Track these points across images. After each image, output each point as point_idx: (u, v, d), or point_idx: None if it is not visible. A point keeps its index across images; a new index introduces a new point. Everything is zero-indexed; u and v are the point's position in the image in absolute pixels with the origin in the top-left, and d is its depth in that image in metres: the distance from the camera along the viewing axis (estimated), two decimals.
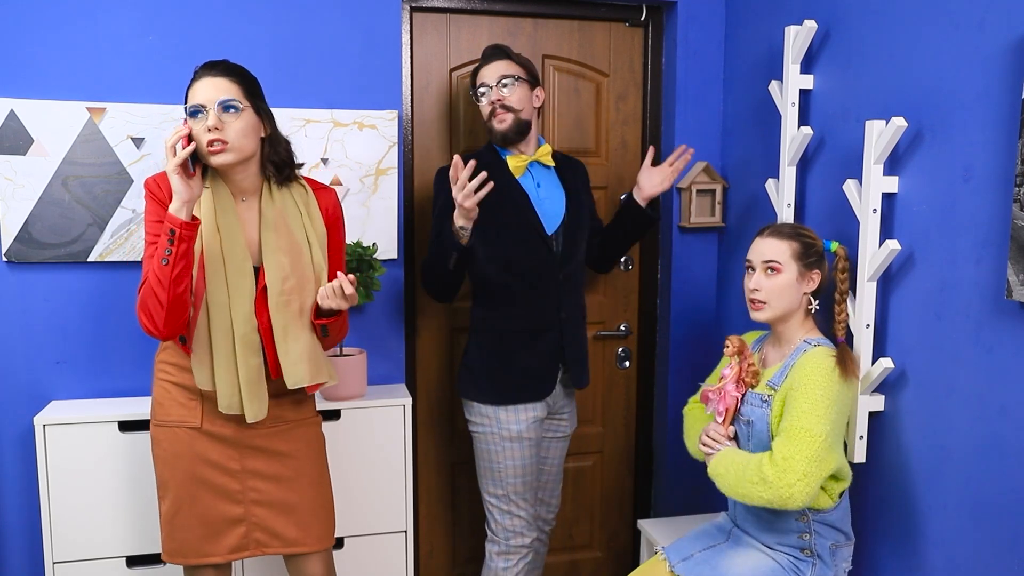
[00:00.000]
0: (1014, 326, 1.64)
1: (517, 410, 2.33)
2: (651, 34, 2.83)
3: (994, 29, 1.67)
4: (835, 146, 2.18)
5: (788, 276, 1.88)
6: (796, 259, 1.89)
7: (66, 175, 2.33)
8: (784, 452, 1.73)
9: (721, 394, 1.93)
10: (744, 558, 1.89)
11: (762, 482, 1.73)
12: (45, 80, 2.32)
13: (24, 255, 2.34)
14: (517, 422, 2.33)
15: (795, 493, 1.70)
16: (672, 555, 1.98)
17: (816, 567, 1.86)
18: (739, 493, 1.79)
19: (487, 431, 2.35)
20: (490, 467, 2.36)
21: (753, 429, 1.89)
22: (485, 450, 2.36)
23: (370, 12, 2.52)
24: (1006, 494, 1.67)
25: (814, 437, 1.73)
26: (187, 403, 1.92)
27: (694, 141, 2.77)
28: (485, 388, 2.34)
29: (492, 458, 2.35)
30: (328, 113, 2.50)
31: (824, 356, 1.82)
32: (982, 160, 1.70)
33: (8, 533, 2.44)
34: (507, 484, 2.35)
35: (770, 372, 1.92)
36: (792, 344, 1.92)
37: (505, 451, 2.34)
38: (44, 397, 2.41)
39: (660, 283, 2.89)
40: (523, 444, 2.34)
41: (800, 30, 2.22)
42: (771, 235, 1.92)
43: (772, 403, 1.86)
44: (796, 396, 1.79)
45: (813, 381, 1.78)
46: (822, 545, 1.87)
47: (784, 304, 1.89)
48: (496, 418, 2.33)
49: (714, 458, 1.89)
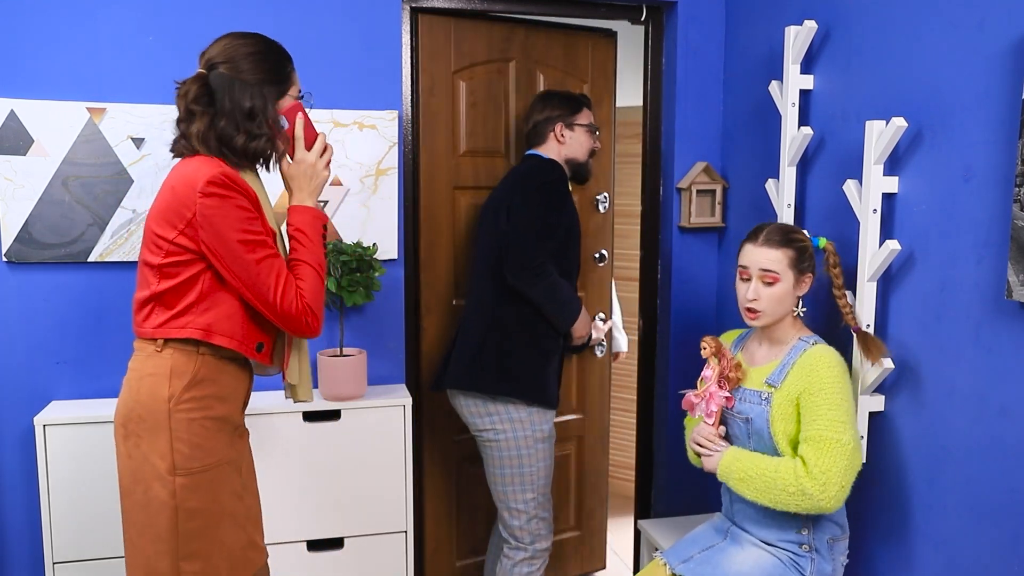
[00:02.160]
0: (1014, 326, 1.64)
1: (546, 412, 2.37)
2: (651, 34, 2.83)
3: (994, 29, 1.67)
4: (835, 146, 2.18)
5: (785, 285, 1.89)
6: (792, 267, 1.90)
7: (66, 175, 2.33)
8: (821, 465, 1.75)
9: (707, 395, 1.93)
10: (745, 555, 1.90)
11: (801, 494, 1.76)
12: (45, 80, 2.32)
13: (24, 255, 2.34)
14: (546, 422, 2.37)
15: (833, 502, 1.76)
16: (672, 558, 1.98)
17: (815, 561, 1.87)
18: (770, 500, 1.80)
19: (518, 435, 2.34)
20: (519, 472, 2.35)
21: (752, 426, 1.89)
22: (514, 456, 2.35)
23: (370, 12, 2.52)
24: (1006, 494, 1.67)
25: (844, 446, 1.75)
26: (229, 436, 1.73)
27: (694, 141, 2.77)
28: (526, 388, 2.33)
29: (523, 462, 2.34)
30: (328, 114, 2.50)
31: (831, 355, 1.85)
32: (982, 160, 1.70)
33: (8, 533, 2.44)
34: (538, 486, 2.36)
35: (767, 369, 1.92)
36: (785, 342, 1.93)
37: (538, 452, 2.35)
38: (44, 397, 2.41)
39: (660, 283, 2.89)
40: (551, 443, 2.40)
41: (800, 30, 2.22)
42: (765, 243, 1.91)
43: (772, 400, 1.86)
44: (817, 402, 1.80)
45: (831, 386, 1.80)
46: (820, 539, 1.87)
47: (781, 311, 1.92)
48: (531, 420, 2.34)
49: (722, 460, 1.89)
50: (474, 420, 2.39)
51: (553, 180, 2.38)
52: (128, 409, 1.66)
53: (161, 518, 1.63)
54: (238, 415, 1.77)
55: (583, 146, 2.49)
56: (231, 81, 1.67)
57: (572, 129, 2.46)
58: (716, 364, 1.93)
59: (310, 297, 1.71)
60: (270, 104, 1.70)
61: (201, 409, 1.65)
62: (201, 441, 1.65)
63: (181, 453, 1.63)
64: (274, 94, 1.72)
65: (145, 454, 1.64)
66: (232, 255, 1.62)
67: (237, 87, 1.67)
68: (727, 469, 1.88)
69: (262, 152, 1.72)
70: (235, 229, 1.61)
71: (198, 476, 1.65)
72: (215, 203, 1.60)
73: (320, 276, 1.74)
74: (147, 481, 1.64)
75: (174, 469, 1.63)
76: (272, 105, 1.71)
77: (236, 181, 1.63)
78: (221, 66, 1.68)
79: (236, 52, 1.69)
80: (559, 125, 2.46)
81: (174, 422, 1.63)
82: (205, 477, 1.66)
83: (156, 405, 1.63)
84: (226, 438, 1.71)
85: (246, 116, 1.67)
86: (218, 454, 1.68)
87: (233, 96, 1.67)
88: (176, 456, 1.63)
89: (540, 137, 2.48)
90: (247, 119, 1.67)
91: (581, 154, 2.49)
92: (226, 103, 1.66)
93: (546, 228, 2.30)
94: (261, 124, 1.69)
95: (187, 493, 1.64)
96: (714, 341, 1.94)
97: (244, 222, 1.62)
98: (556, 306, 2.33)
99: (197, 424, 1.65)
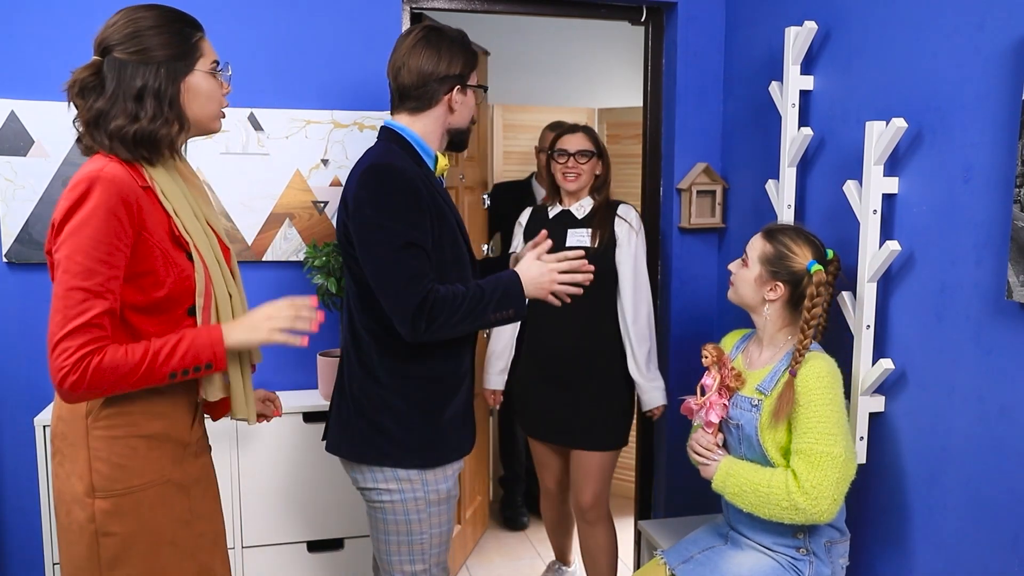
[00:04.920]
0: (1014, 327, 1.64)
1: (445, 468, 1.88)
2: (651, 34, 2.83)
3: (994, 30, 1.67)
4: (835, 147, 2.18)
5: (750, 273, 1.92)
6: (762, 262, 1.90)
7: (67, 176, 2.33)
8: (812, 480, 1.74)
9: (708, 404, 1.92)
10: (743, 558, 1.90)
11: (793, 508, 1.76)
12: (46, 81, 2.32)
13: (24, 256, 2.34)
14: (446, 479, 1.88)
15: (826, 515, 1.76)
16: (671, 558, 1.98)
17: (813, 564, 1.87)
18: (764, 513, 1.81)
19: (406, 497, 1.84)
20: (407, 540, 1.87)
21: (743, 433, 1.90)
22: (402, 521, 1.86)
23: (370, 13, 2.52)
24: (1006, 494, 1.67)
25: (835, 459, 1.75)
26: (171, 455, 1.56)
27: (694, 141, 2.77)
28: (413, 450, 1.83)
29: (412, 528, 1.86)
30: (328, 114, 2.50)
31: (822, 366, 1.81)
32: (982, 161, 1.70)
33: (8, 533, 2.44)
34: (430, 556, 1.89)
35: (758, 376, 1.91)
36: (778, 347, 1.92)
37: (431, 517, 1.87)
38: (44, 397, 2.41)
39: (660, 283, 2.89)
40: (449, 505, 1.91)
41: (800, 31, 2.22)
42: (763, 232, 1.94)
43: (762, 408, 1.86)
44: (807, 414, 1.78)
45: (820, 397, 1.78)
46: (817, 543, 1.87)
47: (742, 296, 1.95)
48: (422, 479, 1.84)
49: (717, 473, 1.89)
50: (354, 475, 1.90)
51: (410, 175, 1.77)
52: (53, 425, 1.54)
53: (80, 544, 1.49)
54: (184, 432, 1.58)
55: (471, 111, 1.95)
56: (122, 64, 1.47)
57: (465, 93, 1.89)
58: (716, 373, 1.93)
59: (95, 374, 1.38)
60: (167, 82, 1.49)
61: (125, 426, 1.49)
62: (124, 461, 1.48)
63: (100, 473, 1.47)
64: (177, 70, 1.50)
65: (67, 473, 1.50)
66: (61, 267, 1.41)
67: (129, 69, 1.47)
68: (722, 482, 1.88)
69: (152, 136, 1.48)
70: (80, 244, 1.39)
71: (121, 499, 1.48)
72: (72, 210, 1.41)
73: (131, 382, 1.42)
74: (68, 503, 1.50)
75: (92, 491, 1.47)
76: (171, 83, 1.49)
77: (120, 189, 1.42)
78: (114, 48, 1.48)
79: (126, 30, 1.49)
80: (456, 89, 1.87)
81: (92, 439, 1.47)
82: (130, 500, 1.49)
83: (76, 422, 1.48)
84: (165, 457, 1.54)
85: (133, 98, 1.47)
86: (148, 475, 1.51)
87: (122, 79, 1.47)
88: (94, 476, 1.47)
89: (425, 101, 1.85)
90: (135, 101, 1.47)
91: (465, 121, 1.94)
92: (114, 89, 1.47)
93: (410, 246, 1.73)
94: (150, 105, 1.47)
95: (107, 518, 1.48)
96: (715, 349, 1.93)
97: (91, 239, 1.39)
98: (479, 317, 1.77)
99: (120, 443, 1.48)
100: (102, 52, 1.49)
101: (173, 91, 1.50)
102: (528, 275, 1.81)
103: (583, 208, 2.57)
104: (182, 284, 1.51)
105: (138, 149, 1.48)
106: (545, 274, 1.81)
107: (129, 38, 1.48)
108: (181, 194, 1.54)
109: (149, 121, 1.47)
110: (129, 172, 1.47)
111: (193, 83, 1.54)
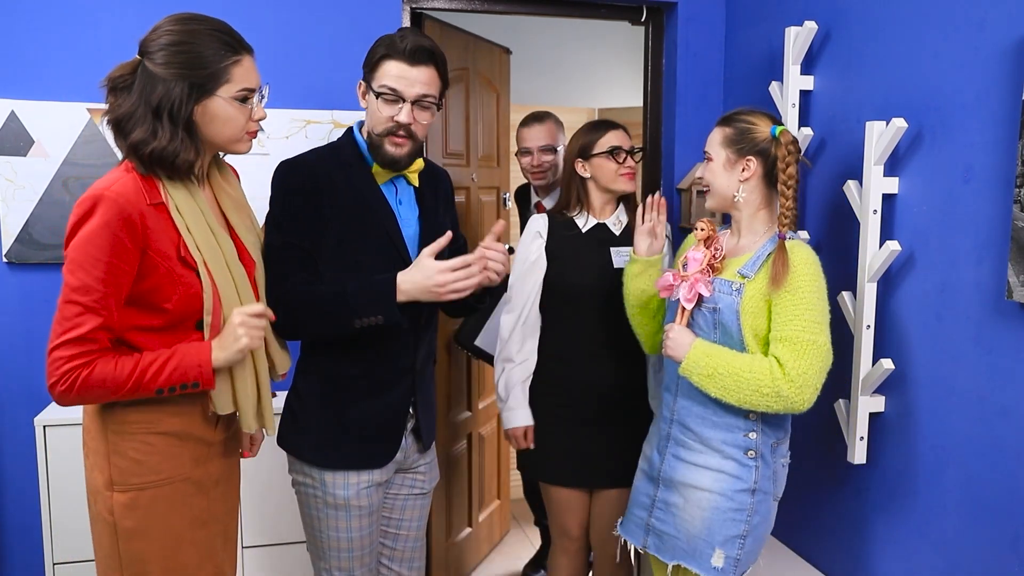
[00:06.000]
0: (1014, 327, 1.64)
1: (347, 475, 1.83)
2: (651, 34, 2.83)
3: (994, 30, 1.67)
4: (835, 147, 2.18)
5: (716, 163, 1.86)
6: (724, 145, 1.85)
7: (67, 176, 2.33)
8: (799, 368, 1.70)
9: (692, 280, 1.81)
10: (686, 499, 1.83)
11: (775, 395, 1.70)
12: (46, 81, 2.32)
13: (25, 256, 2.34)
14: (345, 487, 1.83)
15: (807, 404, 1.72)
16: (630, 536, 1.97)
17: (759, 469, 1.81)
18: (737, 399, 1.73)
19: (308, 492, 1.86)
20: (312, 536, 1.89)
21: (719, 317, 1.81)
22: (306, 515, 1.89)
23: (370, 13, 2.52)
24: (1006, 494, 1.67)
25: (820, 348, 1.71)
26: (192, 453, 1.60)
27: (694, 141, 2.77)
28: (310, 445, 1.84)
29: (314, 525, 1.87)
30: (328, 114, 2.50)
31: (807, 252, 1.76)
32: (982, 161, 1.70)
33: (8, 533, 2.44)
34: (330, 559, 1.86)
35: (740, 260, 1.84)
36: (758, 235, 1.85)
37: (329, 520, 1.84)
38: (44, 397, 2.41)
39: None
40: (351, 513, 1.84)
41: (800, 31, 2.22)
42: (717, 123, 1.88)
43: (744, 292, 1.78)
44: (793, 300, 1.72)
45: (807, 284, 1.73)
46: (766, 444, 1.82)
47: (717, 190, 1.86)
48: (320, 479, 1.83)
49: (691, 352, 1.77)
50: (288, 466, 1.94)
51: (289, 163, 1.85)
52: (82, 419, 1.62)
53: (104, 536, 1.55)
54: (207, 431, 1.60)
55: (375, 117, 1.82)
56: (150, 74, 1.47)
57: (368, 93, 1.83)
58: (707, 250, 1.84)
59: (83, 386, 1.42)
60: (183, 103, 1.47)
61: (142, 422, 1.52)
62: (142, 457, 1.52)
63: (118, 467, 1.52)
64: (195, 92, 1.48)
65: (92, 466, 1.57)
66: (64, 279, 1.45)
67: (154, 80, 1.46)
68: (695, 362, 1.76)
69: (169, 159, 1.47)
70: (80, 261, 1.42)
71: (137, 493, 1.52)
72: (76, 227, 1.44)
73: (120, 395, 1.46)
74: (93, 495, 1.58)
75: (111, 484, 1.53)
76: (187, 104, 1.48)
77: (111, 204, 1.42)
78: (148, 55, 1.48)
79: (162, 39, 1.48)
80: (360, 84, 1.86)
81: (110, 434, 1.53)
82: (147, 495, 1.52)
83: (96, 416, 1.55)
84: (185, 455, 1.57)
85: (153, 112, 1.46)
86: (166, 472, 1.54)
87: (145, 89, 1.46)
88: (113, 470, 1.52)
89: None
90: (153, 115, 1.46)
91: (376, 127, 1.82)
92: (138, 95, 1.46)
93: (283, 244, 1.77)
94: (167, 123, 1.46)
95: (124, 511, 1.52)
96: (711, 225, 1.85)
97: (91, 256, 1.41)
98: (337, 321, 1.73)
99: (137, 439, 1.52)
100: (141, 54, 1.50)
101: (187, 112, 1.49)
102: (413, 279, 1.72)
103: (619, 223, 2.31)
104: (189, 300, 1.52)
105: (153, 167, 1.49)
106: (431, 277, 1.70)
107: (161, 48, 1.48)
108: (198, 210, 1.54)
109: (168, 142, 1.46)
110: (143, 186, 1.48)
111: (211, 107, 1.51)
